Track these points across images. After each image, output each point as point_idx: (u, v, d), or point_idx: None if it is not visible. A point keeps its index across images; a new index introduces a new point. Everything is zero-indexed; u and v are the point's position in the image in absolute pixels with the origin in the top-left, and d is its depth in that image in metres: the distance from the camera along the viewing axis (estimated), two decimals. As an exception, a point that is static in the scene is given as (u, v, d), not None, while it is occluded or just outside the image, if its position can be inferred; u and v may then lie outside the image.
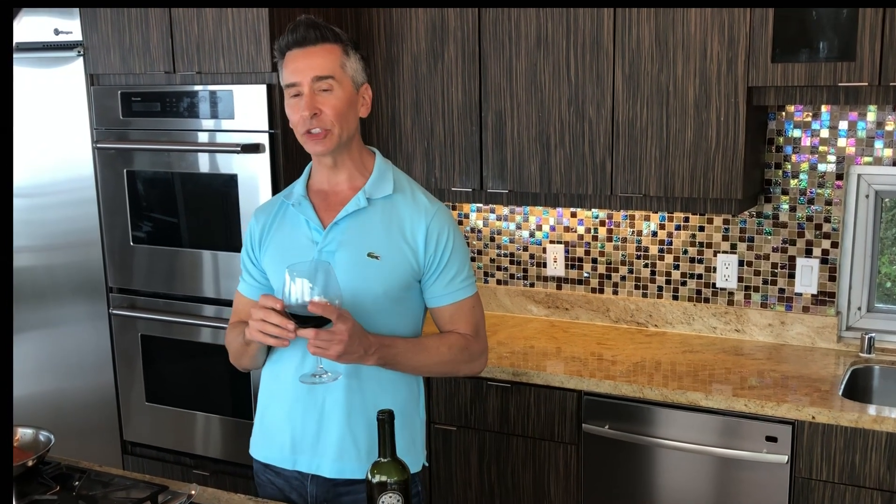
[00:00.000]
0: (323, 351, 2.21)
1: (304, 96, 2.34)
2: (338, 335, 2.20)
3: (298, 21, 2.38)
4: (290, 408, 2.50)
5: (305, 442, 2.49)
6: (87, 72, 4.09)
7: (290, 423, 2.50)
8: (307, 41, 2.35)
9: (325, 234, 2.42)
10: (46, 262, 4.45)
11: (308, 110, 2.33)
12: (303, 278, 2.17)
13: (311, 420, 2.47)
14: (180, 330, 4.06)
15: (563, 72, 3.65)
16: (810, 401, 3.18)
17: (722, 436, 3.29)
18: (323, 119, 2.35)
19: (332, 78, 2.35)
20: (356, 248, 2.40)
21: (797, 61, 3.28)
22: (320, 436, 2.47)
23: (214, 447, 4.12)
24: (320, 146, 2.39)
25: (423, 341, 2.50)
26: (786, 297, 3.83)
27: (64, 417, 4.49)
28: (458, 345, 2.51)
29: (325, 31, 2.36)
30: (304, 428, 2.48)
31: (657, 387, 3.36)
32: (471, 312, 2.56)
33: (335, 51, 2.37)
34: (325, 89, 2.35)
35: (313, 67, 2.34)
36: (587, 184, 3.68)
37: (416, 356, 2.45)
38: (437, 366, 2.51)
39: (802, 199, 3.74)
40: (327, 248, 2.41)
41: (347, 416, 2.44)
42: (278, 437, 2.53)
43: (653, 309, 4.07)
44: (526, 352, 3.81)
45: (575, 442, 3.54)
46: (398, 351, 2.39)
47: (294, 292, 2.17)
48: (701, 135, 3.46)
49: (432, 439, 3.78)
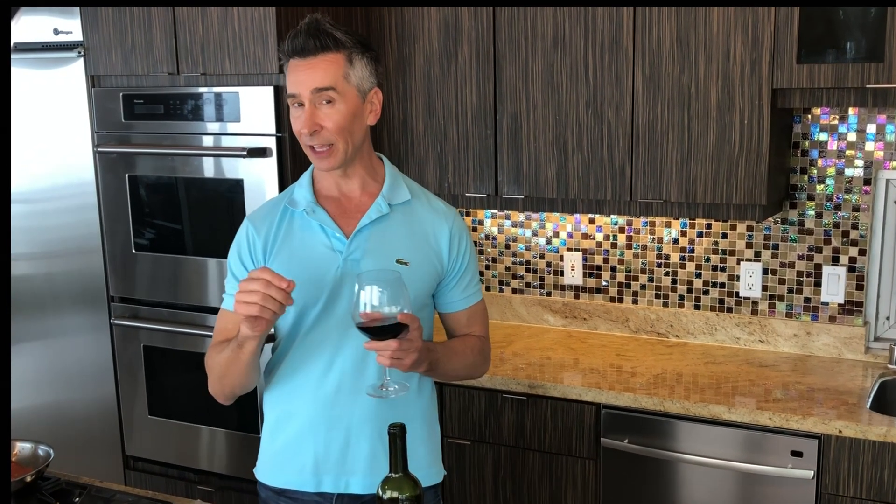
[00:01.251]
0: (399, 362, 2.20)
1: (305, 110, 2.32)
2: (415, 343, 2.20)
3: (300, 27, 2.33)
4: (310, 426, 2.46)
5: (330, 460, 2.46)
6: (88, 73, 4.12)
7: (313, 441, 2.46)
8: (307, 51, 2.31)
9: (348, 242, 2.40)
10: (46, 270, 4.47)
11: (307, 128, 2.32)
12: (373, 286, 2.13)
13: (336, 436, 2.45)
14: (184, 341, 4.08)
15: (581, 73, 3.66)
16: (837, 414, 3.19)
17: (745, 450, 3.29)
18: (324, 135, 2.33)
19: (333, 90, 2.31)
20: (384, 255, 2.40)
21: (823, 62, 3.29)
22: (348, 451, 2.45)
23: (220, 462, 4.13)
24: (325, 163, 2.38)
25: (452, 345, 2.55)
26: (812, 306, 3.84)
27: (64, 431, 4.51)
28: (477, 347, 2.59)
29: (327, 40, 2.31)
30: (328, 445, 2.45)
31: (678, 399, 3.37)
32: (484, 315, 2.64)
33: (338, 60, 2.32)
34: (326, 101, 2.31)
35: (314, 80, 2.31)
36: (606, 189, 3.70)
37: (450, 360, 2.49)
38: (464, 369, 2.58)
39: (829, 205, 3.75)
40: (352, 257, 2.39)
41: (378, 430, 2.43)
42: (297, 459, 2.49)
43: (674, 319, 4.08)
44: (542, 363, 3.82)
45: (593, 457, 3.55)
46: (438, 356, 2.41)
47: (368, 302, 2.13)
48: (724, 138, 3.47)
49: (445, 454, 3.78)
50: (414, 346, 2.19)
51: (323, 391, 2.44)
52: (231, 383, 2.44)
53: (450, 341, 2.58)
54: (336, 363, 2.42)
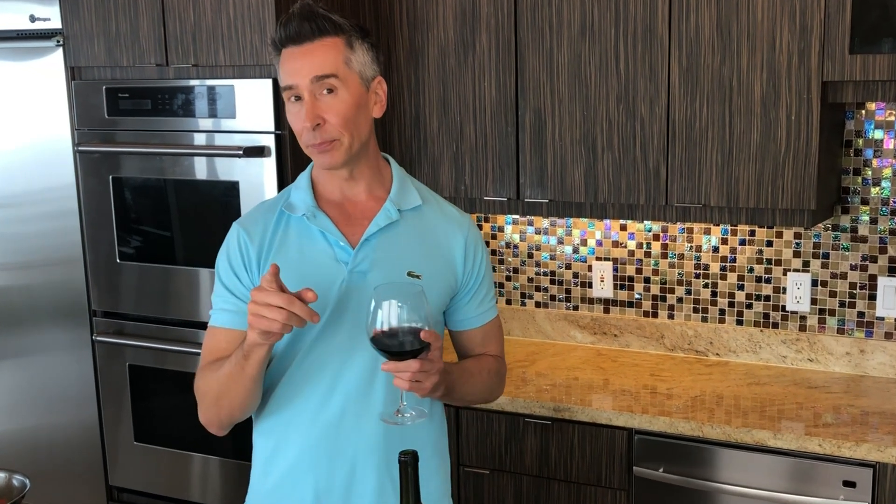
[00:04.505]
0: (419, 385, 2.19)
1: (305, 102, 2.30)
2: (436, 364, 2.20)
3: (292, 12, 2.32)
4: (310, 457, 2.44)
5: (334, 495, 2.44)
6: (68, 64, 4.14)
7: (314, 474, 2.44)
8: (303, 36, 2.29)
9: (355, 252, 2.38)
10: (22, 282, 4.49)
11: (310, 121, 2.29)
12: (391, 300, 2.13)
13: (340, 468, 2.43)
14: (174, 359, 4.10)
15: (612, 64, 3.69)
16: (893, 440, 3.21)
17: (793, 480, 3.31)
18: (328, 129, 2.30)
19: (334, 77, 2.29)
20: (393, 267, 2.38)
21: (879, 52, 3.30)
22: (353, 484, 2.43)
23: (213, 494, 4.15)
24: (328, 159, 2.35)
25: (467, 366, 2.53)
26: (866, 321, 3.85)
27: (41, 459, 4.52)
28: (493, 369, 2.59)
29: (323, 22, 2.30)
30: (330, 477, 2.44)
31: (719, 424, 3.39)
32: (499, 332, 2.64)
33: (337, 44, 2.30)
34: (328, 90, 2.29)
35: (312, 67, 2.28)
36: (639, 192, 3.72)
37: (466, 383, 2.48)
38: (480, 393, 2.58)
39: (885, 210, 3.77)
40: (359, 269, 2.38)
41: (386, 460, 2.42)
42: (294, 494, 2.47)
43: (714, 335, 4.09)
44: (569, 384, 3.85)
45: (625, 487, 3.57)
46: (454, 378, 2.40)
47: (386, 318, 2.13)
48: (769, 136, 3.49)
49: (461, 484, 3.81)
50: (435, 367, 2.19)
51: (324, 418, 2.41)
52: (230, 405, 2.38)
53: (464, 362, 2.57)
54: (339, 387, 2.40)
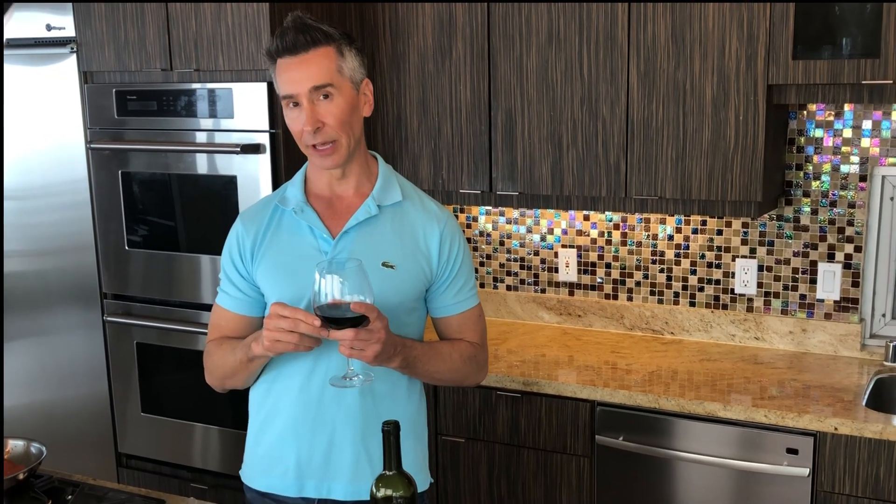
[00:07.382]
0: (360, 353, 2.18)
1: (304, 109, 2.30)
2: (376, 334, 2.18)
3: (286, 24, 2.32)
4: (294, 428, 2.45)
5: (314, 465, 2.45)
6: (81, 69, 4.11)
7: (296, 444, 2.45)
8: (298, 47, 2.29)
9: (334, 243, 2.40)
10: (38, 267, 4.47)
11: (310, 125, 2.30)
12: (334, 275, 2.13)
13: (320, 440, 2.43)
14: (178, 338, 4.08)
15: (576, 69, 3.66)
16: (833, 411, 3.19)
17: (741, 448, 3.30)
18: (327, 131, 2.32)
19: (330, 85, 2.30)
20: (369, 257, 2.35)
21: (819, 58, 3.29)
22: (331, 457, 2.44)
23: (213, 460, 4.13)
24: (329, 160, 2.36)
25: (437, 346, 2.50)
26: (807, 303, 3.84)
27: (56, 429, 4.51)
28: (467, 353, 2.54)
29: (316, 34, 2.30)
30: (311, 449, 2.44)
31: (674, 397, 3.37)
32: (478, 322, 2.59)
33: (329, 54, 2.31)
34: (324, 96, 2.30)
35: (310, 77, 2.29)
36: (601, 185, 3.70)
37: (432, 361, 2.45)
38: (449, 373, 2.52)
39: (824, 202, 3.75)
40: (338, 259, 2.36)
41: (362, 434, 2.42)
42: (280, 462, 2.48)
43: (669, 316, 4.08)
44: (537, 360, 3.82)
45: (588, 454, 3.55)
46: (417, 354, 2.38)
47: (327, 291, 2.13)
48: (719, 135, 3.47)
49: (439, 452, 3.79)
50: (375, 336, 2.17)
51: (307, 392, 2.43)
52: (234, 384, 2.52)
53: (436, 342, 2.54)
54: (320, 364, 2.40)
